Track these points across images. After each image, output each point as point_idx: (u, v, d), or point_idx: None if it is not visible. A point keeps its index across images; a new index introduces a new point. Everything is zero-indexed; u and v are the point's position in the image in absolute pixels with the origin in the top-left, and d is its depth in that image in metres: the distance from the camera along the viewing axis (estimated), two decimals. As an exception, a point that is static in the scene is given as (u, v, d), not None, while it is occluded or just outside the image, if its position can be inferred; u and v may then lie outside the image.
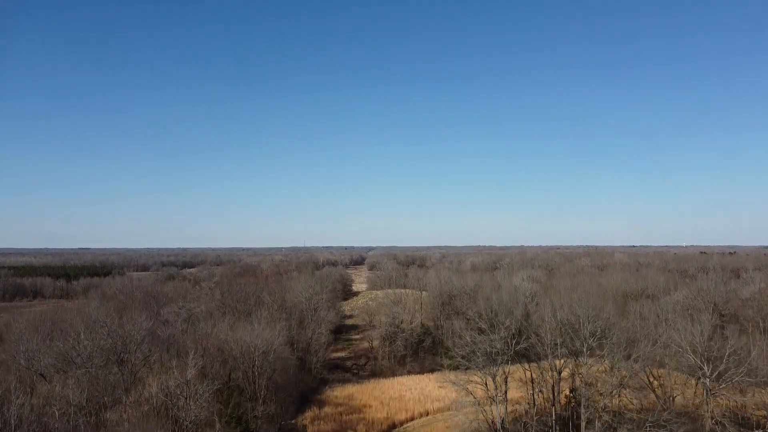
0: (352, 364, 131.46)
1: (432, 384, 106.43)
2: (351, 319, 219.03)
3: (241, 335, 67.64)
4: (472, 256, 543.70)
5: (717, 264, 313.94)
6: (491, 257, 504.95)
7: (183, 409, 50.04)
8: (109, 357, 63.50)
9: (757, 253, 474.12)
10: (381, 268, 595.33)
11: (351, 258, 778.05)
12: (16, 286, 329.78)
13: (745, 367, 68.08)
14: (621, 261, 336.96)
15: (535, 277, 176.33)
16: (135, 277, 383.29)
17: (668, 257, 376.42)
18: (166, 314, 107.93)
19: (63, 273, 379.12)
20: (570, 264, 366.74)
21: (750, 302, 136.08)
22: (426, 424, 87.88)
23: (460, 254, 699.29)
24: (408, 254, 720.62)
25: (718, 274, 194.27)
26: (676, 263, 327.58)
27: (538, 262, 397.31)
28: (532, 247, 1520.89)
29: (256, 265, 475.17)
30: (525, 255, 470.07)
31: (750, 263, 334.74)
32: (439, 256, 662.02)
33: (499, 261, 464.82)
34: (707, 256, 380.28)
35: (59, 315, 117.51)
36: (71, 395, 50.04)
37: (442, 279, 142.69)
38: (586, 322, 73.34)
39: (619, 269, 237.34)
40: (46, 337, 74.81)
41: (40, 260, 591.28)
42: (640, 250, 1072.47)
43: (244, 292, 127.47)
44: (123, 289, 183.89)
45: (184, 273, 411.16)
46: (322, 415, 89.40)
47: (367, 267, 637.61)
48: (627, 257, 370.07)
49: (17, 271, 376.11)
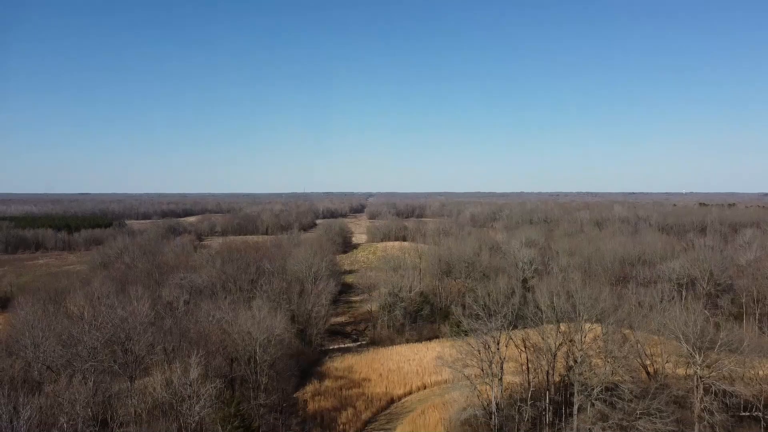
0: (352, 330, 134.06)
1: (430, 354, 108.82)
2: (351, 276, 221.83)
3: (243, 325, 68.77)
4: (472, 206, 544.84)
5: (715, 219, 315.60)
6: (491, 208, 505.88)
7: (187, 412, 51.55)
8: (114, 348, 64.81)
9: (756, 205, 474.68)
10: (381, 217, 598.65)
11: (351, 206, 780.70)
12: (18, 239, 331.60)
13: (736, 356, 69.62)
14: (620, 215, 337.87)
15: (534, 240, 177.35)
16: (136, 228, 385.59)
17: (667, 210, 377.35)
18: (168, 287, 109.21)
19: (64, 224, 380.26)
20: (569, 217, 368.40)
21: (746, 270, 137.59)
22: (423, 399, 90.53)
23: (460, 203, 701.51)
24: (407, 203, 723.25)
25: (715, 238, 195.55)
26: (674, 218, 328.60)
27: (538, 215, 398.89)
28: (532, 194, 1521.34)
29: (256, 216, 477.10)
30: (524, 206, 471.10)
31: (748, 217, 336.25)
32: (438, 205, 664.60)
33: (499, 212, 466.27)
34: (706, 209, 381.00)
35: (64, 286, 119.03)
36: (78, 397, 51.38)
37: (441, 248, 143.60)
38: (583, 310, 74.54)
39: (618, 229, 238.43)
40: (52, 321, 75.95)
41: (41, 208, 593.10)
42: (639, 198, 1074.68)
43: (244, 262, 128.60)
44: (125, 250, 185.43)
45: (184, 224, 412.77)
46: (323, 390, 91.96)
47: (367, 216, 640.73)
48: (626, 210, 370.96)
49: (18, 222, 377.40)
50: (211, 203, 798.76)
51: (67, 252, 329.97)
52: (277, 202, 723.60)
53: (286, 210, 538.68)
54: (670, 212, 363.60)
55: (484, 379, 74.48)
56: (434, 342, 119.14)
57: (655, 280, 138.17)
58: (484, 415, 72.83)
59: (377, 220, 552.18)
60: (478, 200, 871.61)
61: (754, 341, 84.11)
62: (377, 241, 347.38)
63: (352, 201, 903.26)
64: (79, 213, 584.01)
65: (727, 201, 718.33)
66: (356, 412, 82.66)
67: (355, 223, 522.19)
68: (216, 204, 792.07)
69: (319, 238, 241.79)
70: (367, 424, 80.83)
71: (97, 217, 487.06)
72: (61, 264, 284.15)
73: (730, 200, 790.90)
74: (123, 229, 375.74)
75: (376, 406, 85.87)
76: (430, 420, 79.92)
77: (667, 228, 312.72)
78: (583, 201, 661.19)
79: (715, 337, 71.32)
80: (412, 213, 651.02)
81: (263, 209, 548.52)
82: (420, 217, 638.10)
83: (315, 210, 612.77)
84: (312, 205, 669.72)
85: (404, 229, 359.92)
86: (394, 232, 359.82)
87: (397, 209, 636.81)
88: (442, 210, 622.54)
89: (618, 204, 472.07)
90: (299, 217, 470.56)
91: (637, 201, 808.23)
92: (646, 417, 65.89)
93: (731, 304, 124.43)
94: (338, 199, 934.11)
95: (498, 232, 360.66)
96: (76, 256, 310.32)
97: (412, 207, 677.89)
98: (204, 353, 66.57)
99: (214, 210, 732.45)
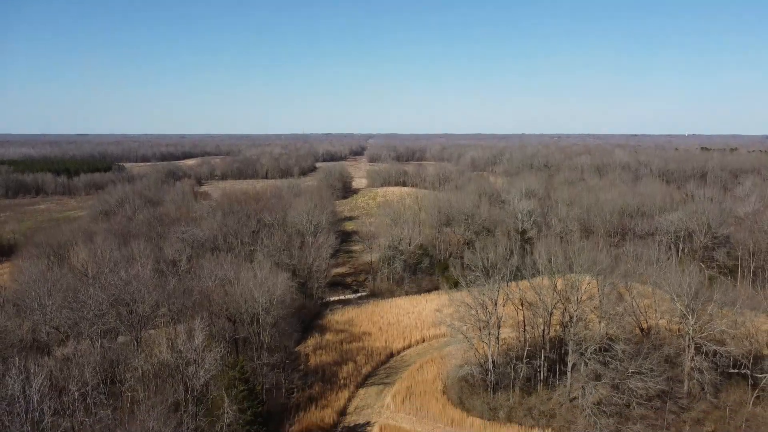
0: (353, 281, 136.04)
1: (429, 307, 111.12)
2: (351, 223, 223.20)
3: (245, 286, 69.92)
4: (472, 150, 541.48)
5: (716, 165, 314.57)
6: (491, 151, 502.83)
7: (193, 375, 53.22)
8: (119, 309, 66.14)
9: (758, 150, 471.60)
10: (381, 160, 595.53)
11: (350, 149, 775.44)
12: (18, 183, 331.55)
13: (728, 318, 71.17)
14: (621, 161, 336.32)
15: (534, 190, 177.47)
16: (135, 172, 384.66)
17: (668, 155, 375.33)
18: (170, 240, 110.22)
19: (63, 168, 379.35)
20: (570, 162, 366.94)
21: (743, 223, 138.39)
22: (422, 352, 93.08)
23: (461, 146, 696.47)
24: (408, 146, 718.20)
25: (715, 189, 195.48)
26: (676, 163, 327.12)
27: (539, 159, 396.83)
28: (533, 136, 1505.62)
29: (256, 159, 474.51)
30: (525, 151, 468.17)
31: (750, 163, 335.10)
32: (439, 149, 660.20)
33: (500, 156, 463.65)
34: (708, 154, 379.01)
35: (67, 238, 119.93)
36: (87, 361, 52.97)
37: (440, 201, 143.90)
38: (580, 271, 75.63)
39: (618, 176, 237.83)
40: (57, 280, 77.17)
41: (38, 151, 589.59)
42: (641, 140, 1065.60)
43: (245, 214, 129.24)
44: (125, 198, 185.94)
45: (183, 168, 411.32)
46: (324, 344, 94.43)
47: (367, 159, 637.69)
48: (627, 155, 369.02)
49: (17, 166, 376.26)
50: (210, 145, 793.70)
51: (68, 197, 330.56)
52: (277, 145, 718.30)
53: (285, 153, 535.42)
54: (671, 157, 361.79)
55: (481, 338, 76.43)
56: (433, 294, 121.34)
57: (653, 232, 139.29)
58: (481, 372, 75.16)
59: (377, 164, 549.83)
60: (479, 143, 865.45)
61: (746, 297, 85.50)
62: (377, 186, 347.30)
63: (352, 143, 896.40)
64: (77, 156, 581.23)
65: (729, 144, 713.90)
66: (357, 367, 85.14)
67: (355, 167, 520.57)
68: (215, 146, 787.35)
69: (319, 188, 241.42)
70: (367, 378, 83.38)
71: (96, 160, 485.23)
72: (62, 209, 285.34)
73: (733, 143, 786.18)
74: (122, 173, 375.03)
75: (376, 360, 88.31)
76: (428, 375, 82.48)
77: (668, 174, 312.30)
78: (584, 145, 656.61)
79: (708, 298, 72.72)
80: (413, 156, 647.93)
81: (262, 152, 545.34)
82: (420, 160, 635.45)
83: (315, 153, 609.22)
84: (311, 148, 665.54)
85: (404, 174, 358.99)
86: (394, 177, 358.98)
87: (398, 152, 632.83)
88: (443, 153, 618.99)
89: (619, 148, 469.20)
90: (299, 161, 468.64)
91: (639, 144, 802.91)
92: (637, 376, 68.09)
93: (727, 257, 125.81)
94: (338, 141, 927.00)
95: (498, 177, 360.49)
96: (77, 201, 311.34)
97: (412, 150, 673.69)
98: (207, 314, 68.10)
99: (213, 152, 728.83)
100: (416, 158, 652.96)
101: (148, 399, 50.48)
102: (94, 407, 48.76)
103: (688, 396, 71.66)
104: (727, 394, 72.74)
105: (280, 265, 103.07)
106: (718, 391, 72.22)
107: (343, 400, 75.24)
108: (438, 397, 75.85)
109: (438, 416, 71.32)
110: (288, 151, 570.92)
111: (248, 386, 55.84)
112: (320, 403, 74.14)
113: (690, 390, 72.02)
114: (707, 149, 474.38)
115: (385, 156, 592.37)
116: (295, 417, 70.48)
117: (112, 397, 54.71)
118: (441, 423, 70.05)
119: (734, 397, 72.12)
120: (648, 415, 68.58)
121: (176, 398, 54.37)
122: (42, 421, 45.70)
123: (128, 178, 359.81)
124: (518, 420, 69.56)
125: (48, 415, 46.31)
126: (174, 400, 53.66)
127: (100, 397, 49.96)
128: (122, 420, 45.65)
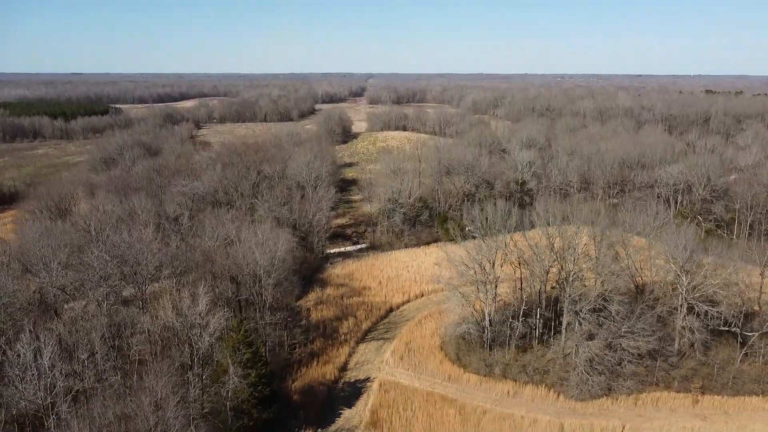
0: (353, 232, 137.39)
1: (428, 261, 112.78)
2: (351, 171, 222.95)
3: (247, 250, 70.91)
4: (474, 92, 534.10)
5: (720, 109, 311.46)
6: (493, 94, 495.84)
7: (197, 338, 54.89)
8: (123, 270, 67.40)
9: (764, 93, 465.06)
10: (381, 102, 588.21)
11: (350, 90, 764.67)
12: (15, 127, 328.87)
13: (721, 279, 72.49)
14: (624, 105, 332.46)
15: (535, 139, 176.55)
16: (133, 115, 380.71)
17: (672, 99, 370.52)
18: (170, 195, 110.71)
19: (60, 111, 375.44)
20: (572, 106, 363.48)
21: (743, 175, 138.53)
22: (421, 307, 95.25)
23: (462, 87, 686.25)
24: (408, 87, 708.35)
25: (716, 139, 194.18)
26: (679, 107, 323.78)
27: (541, 102, 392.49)
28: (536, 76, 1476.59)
29: (254, 101, 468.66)
30: (527, 93, 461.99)
31: (754, 108, 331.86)
32: (439, 90, 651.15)
33: (501, 99, 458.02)
34: (712, 98, 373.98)
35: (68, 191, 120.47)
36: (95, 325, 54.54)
37: (441, 150, 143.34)
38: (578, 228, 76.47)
39: (620, 124, 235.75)
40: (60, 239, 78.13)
41: (34, 92, 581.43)
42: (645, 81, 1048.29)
43: (244, 166, 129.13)
44: (124, 146, 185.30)
45: (181, 111, 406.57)
46: (325, 298, 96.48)
47: (367, 100, 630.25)
48: (630, 99, 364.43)
49: (13, 109, 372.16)
50: (207, 86, 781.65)
51: (66, 141, 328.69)
52: (275, 86, 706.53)
53: (284, 95, 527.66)
54: (674, 101, 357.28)
55: (478, 296, 78.11)
56: (432, 247, 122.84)
57: (652, 184, 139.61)
58: (477, 329, 77.20)
59: (377, 106, 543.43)
60: (480, 83, 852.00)
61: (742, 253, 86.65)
62: (377, 131, 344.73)
63: (352, 83, 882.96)
64: (73, 97, 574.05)
65: (735, 86, 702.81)
66: (357, 322, 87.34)
67: (355, 109, 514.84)
68: (212, 87, 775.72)
69: (319, 135, 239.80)
70: (367, 333, 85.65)
71: (92, 102, 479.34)
72: (61, 154, 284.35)
73: (739, 85, 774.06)
74: (119, 116, 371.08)
75: (376, 315, 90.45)
76: (426, 330, 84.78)
77: (671, 119, 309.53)
78: (587, 87, 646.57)
79: (701, 263, 73.92)
80: (413, 98, 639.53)
81: (261, 94, 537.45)
82: (421, 102, 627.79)
83: (314, 95, 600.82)
84: (311, 89, 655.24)
85: (404, 118, 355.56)
86: (394, 121, 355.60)
87: (398, 94, 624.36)
88: (444, 95, 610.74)
89: (623, 91, 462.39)
90: (298, 104, 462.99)
91: (642, 86, 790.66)
92: (629, 335, 70.11)
93: (725, 210, 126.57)
94: (337, 81, 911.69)
95: (500, 121, 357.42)
96: (75, 146, 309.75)
97: (413, 91, 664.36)
98: (210, 276, 69.45)
99: (211, 93, 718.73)
100: (417, 100, 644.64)
101: (155, 362, 52.22)
102: (104, 373, 50.56)
103: (678, 354, 73.96)
104: (716, 351, 75.06)
105: (281, 221, 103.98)
106: (707, 349, 74.49)
107: (343, 356, 77.66)
108: (436, 353, 78.28)
109: (435, 372, 73.86)
110: (287, 93, 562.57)
111: (252, 349, 57.58)
112: (322, 358, 76.59)
113: (680, 348, 74.25)
114: (711, 92, 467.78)
115: (385, 98, 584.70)
116: (298, 373, 73.05)
117: (120, 359, 56.60)
118: (438, 379, 72.60)
119: (723, 355, 74.46)
120: (638, 371, 71.09)
121: (182, 360, 56.28)
122: (54, 387, 47.52)
123: (125, 121, 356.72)
124: (513, 376, 72.11)
125: (60, 381, 48.13)
126: (180, 362, 55.55)
127: (109, 363, 51.70)
128: (132, 386, 47.51)
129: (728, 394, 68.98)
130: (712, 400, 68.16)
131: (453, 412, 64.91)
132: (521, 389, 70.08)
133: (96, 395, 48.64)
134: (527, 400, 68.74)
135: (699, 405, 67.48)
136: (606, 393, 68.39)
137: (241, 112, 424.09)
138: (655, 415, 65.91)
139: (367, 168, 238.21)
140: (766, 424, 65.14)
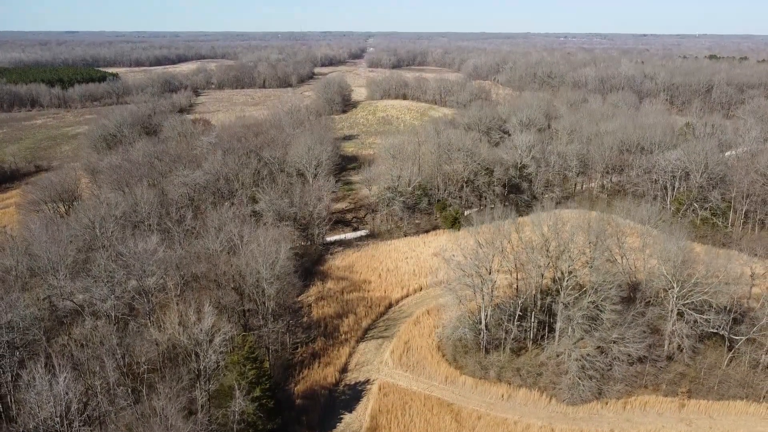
0: (353, 218, 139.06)
1: (428, 251, 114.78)
2: (350, 145, 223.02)
3: (249, 257, 72.62)
4: (475, 56, 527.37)
5: (723, 79, 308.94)
6: (494, 58, 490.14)
7: (203, 355, 57.21)
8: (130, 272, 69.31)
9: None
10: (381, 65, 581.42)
11: (350, 51, 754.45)
12: (12, 95, 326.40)
13: (710, 287, 74.37)
14: (626, 74, 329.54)
15: (535, 119, 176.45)
16: (130, 83, 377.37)
17: (675, 67, 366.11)
18: (172, 186, 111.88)
19: (57, 78, 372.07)
20: (574, 74, 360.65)
21: (740, 162, 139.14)
22: (420, 301, 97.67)
23: (463, 49, 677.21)
24: (408, 49, 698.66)
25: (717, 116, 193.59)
26: (681, 76, 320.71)
27: (543, 68, 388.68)
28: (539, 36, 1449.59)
29: (253, 66, 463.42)
30: (529, 58, 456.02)
31: (758, 77, 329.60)
32: (440, 53, 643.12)
33: (503, 64, 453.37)
34: (715, 65, 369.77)
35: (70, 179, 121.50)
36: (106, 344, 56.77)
37: (440, 135, 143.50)
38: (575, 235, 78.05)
39: (621, 99, 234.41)
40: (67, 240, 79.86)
41: (29, 55, 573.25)
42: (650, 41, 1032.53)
43: (245, 151, 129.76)
44: (123, 122, 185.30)
45: (179, 77, 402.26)
46: (325, 293, 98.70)
47: (367, 63, 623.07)
48: (633, 67, 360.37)
49: (10, 76, 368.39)
50: (204, 47, 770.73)
51: (64, 110, 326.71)
52: (274, 48, 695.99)
53: (283, 60, 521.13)
54: (677, 68, 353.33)
55: (475, 299, 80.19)
56: (431, 235, 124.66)
57: (650, 170, 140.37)
58: (473, 332, 79.49)
59: (377, 70, 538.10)
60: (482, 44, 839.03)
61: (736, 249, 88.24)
62: (377, 99, 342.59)
63: (351, 44, 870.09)
64: (69, 60, 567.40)
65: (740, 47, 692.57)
66: (357, 319, 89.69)
67: (354, 73, 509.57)
68: (210, 48, 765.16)
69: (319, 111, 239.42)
70: (367, 331, 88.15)
71: (89, 68, 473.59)
72: (59, 125, 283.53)
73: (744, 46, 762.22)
74: (117, 83, 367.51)
75: (376, 312, 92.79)
76: (424, 329, 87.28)
77: (673, 89, 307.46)
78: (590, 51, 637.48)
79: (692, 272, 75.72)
80: (414, 61, 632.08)
81: (259, 58, 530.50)
82: (422, 65, 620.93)
83: (313, 58, 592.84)
84: (309, 52, 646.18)
85: (405, 86, 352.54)
86: (394, 88, 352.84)
87: (398, 56, 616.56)
88: (444, 58, 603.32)
89: (625, 58, 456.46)
90: (297, 68, 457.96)
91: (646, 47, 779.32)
92: (620, 341, 72.51)
93: (720, 199, 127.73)
94: (336, 43, 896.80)
95: (500, 89, 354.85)
96: (73, 115, 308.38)
97: (413, 54, 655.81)
98: (215, 286, 71.39)
99: (209, 55, 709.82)
100: (417, 63, 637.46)
101: (163, 383, 54.59)
102: (116, 397, 52.91)
103: (667, 358, 76.54)
104: (703, 356, 77.64)
105: (282, 215, 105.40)
106: (695, 354, 77.05)
107: (344, 357, 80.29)
108: (433, 353, 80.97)
109: (433, 374, 76.59)
110: (285, 57, 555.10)
111: (257, 365, 59.88)
112: (323, 359, 79.25)
113: (669, 352, 76.80)
114: (716, 57, 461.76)
115: (385, 61, 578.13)
116: (300, 375, 75.79)
117: (130, 376, 58.96)
118: (436, 381, 75.42)
119: (710, 359, 77.08)
120: (628, 375, 73.77)
121: (189, 377, 58.71)
122: (69, 412, 49.94)
123: (123, 88, 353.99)
124: (507, 379, 74.88)
125: (74, 404, 50.51)
126: (188, 379, 57.99)
127: (121, 388, 54.03)
128: (144, 413, 49.96)
129: (714, 398, 71.83)
130: (697, 404, 71.07)
131: (449, 418, 67.84)
132: (515, 392, 72.89)
133: (108, 419, 51.13)
134: (521, 404, 71.65)
135: (685, 409, 70.42)
136: (596, 397, 71.24)
137: (240, 77, 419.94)
138: (642, 420, 68.89)
139: (367, 141, 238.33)
140: (749, 428, 68.24)
